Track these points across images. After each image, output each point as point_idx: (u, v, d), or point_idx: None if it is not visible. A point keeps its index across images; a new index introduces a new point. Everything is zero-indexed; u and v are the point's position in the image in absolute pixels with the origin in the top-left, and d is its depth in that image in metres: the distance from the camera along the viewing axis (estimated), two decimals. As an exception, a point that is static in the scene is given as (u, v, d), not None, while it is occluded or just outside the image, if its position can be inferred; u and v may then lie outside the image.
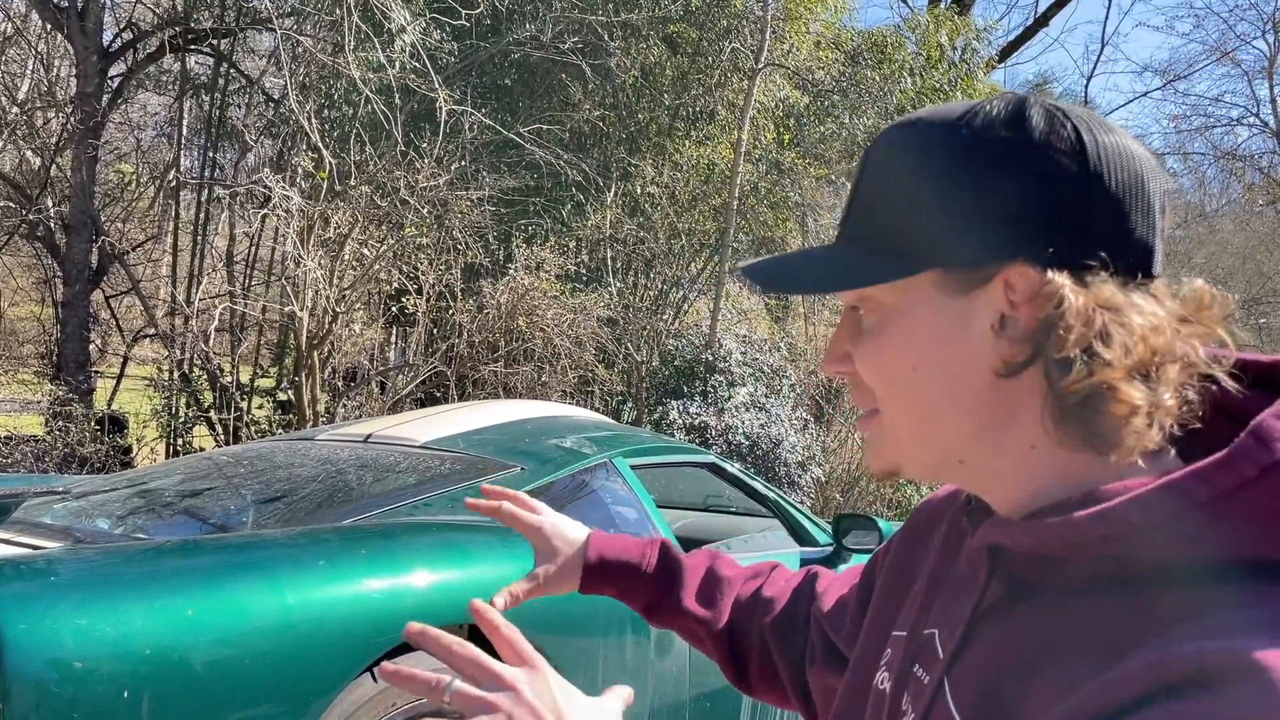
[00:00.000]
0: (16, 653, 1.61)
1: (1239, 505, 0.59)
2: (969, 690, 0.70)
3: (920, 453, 0.75)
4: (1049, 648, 0.65)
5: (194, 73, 12.70)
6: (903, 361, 0.73)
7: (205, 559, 1.98)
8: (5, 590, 1.67)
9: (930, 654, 0.77)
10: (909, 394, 0.73)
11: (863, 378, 0.76)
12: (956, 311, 0.70)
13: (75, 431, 8.85)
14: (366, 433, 3.27)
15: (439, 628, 2.11)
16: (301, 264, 7.44)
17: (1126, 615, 0.62)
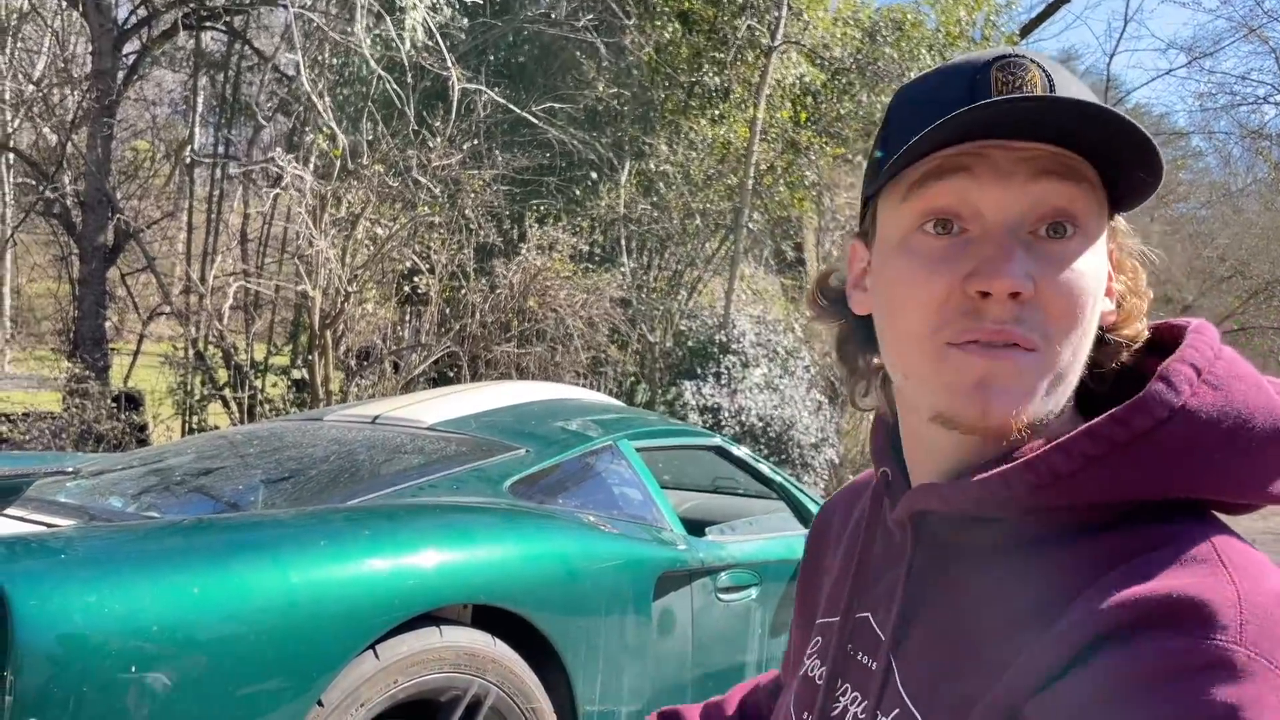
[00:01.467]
0: (27, 628, 1.65)
1: (1151, 447, 0.62)
2: (916, 671, 0.69)
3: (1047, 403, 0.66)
4: (987, 612, 0.66)
5: (208, 50, 12.72)
6: (1095, 294, 0.67)
7: (211, 538, 2.02)
8: (16, 567, 1.71)
9: (869, 637, 0.76)
10: (1085, 331, 0.67)
11: (1048, 307, 0.65)
12: (1106, 259, 0.70)
13: (92, 408, 8.93)
14: (374, 414, 3.30)
15: (441, 607, 2.14)
16: (314, 243, 7.47)
17: (1056, 569, 0.63)
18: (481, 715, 2.24)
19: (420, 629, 2.10)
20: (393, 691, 2.06)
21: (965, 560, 0.70)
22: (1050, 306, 0.65)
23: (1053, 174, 0.65)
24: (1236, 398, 0.64)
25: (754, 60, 10.75)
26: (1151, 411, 0.63)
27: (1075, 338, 0.66)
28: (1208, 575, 0.57)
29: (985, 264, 0.65)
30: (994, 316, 0.65)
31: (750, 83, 10.82)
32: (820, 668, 0.80)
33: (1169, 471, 0.62)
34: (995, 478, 0.65)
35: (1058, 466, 0.63)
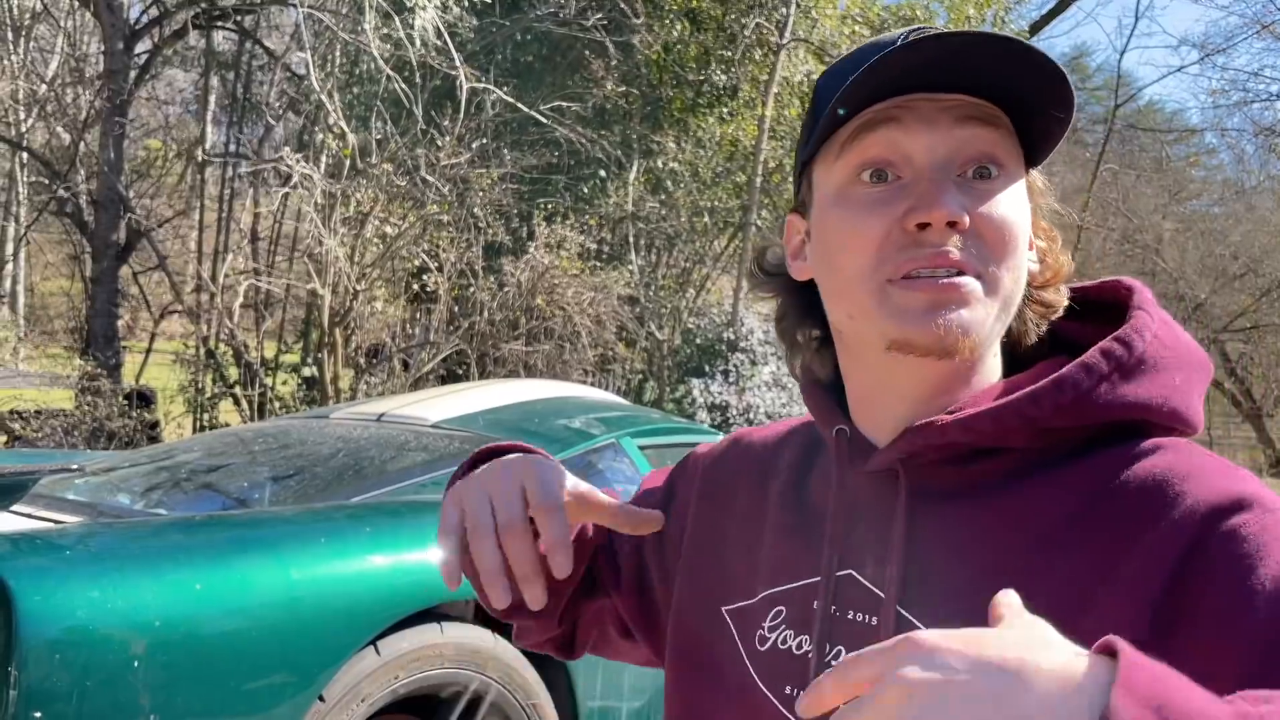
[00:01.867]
0: (31, 623, 1.68)
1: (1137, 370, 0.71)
2: (941, 613, 0.68)
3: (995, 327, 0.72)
4: (1005, 543, 0.68)
5: (219, 49, 12.79)
6: (1022, 223, 0.72)
7: (212, 535, 2.05)
8: (21, 563, 1.74)
9: (858, 595, 0.74)
10: (1019, 263, 0.72)
11: (983, 236, 0.70)
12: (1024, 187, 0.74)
13: (104, 406, 8.99)
14: (379, 412, 3.33)
15: (440, 602, 2.14)
16: (323, 242, 7.51)
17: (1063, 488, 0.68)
18: (482, 711, 2.26)
19: (421, 625, 2.13)
20: (394, 687, 2.08)
21: (951, 502, 0.72)
22: (985, 235, 0.70)
23: (974, 119, 0.70)
24: (1179, 332, 0.75)
25: (762, 58, 10.75)
26: (1138, 337, 0.71)
27: (1013, 265, 0.71)
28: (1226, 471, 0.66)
29: (921, 199, 0.69)
30: (933, 244, 0.69)
31: (759, 81, 10.82)
32: (798, 637, 0.77)
33: (1147, 391, 0.70)
34: (1024, 399, 0.69)
35: (1081, 382, 0.69)
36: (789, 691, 0.76)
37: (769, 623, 0.79)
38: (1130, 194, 19.72)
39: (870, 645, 0.63)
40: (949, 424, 0.71)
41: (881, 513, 0.74)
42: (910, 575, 0.71)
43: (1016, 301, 0.73)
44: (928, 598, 0.70)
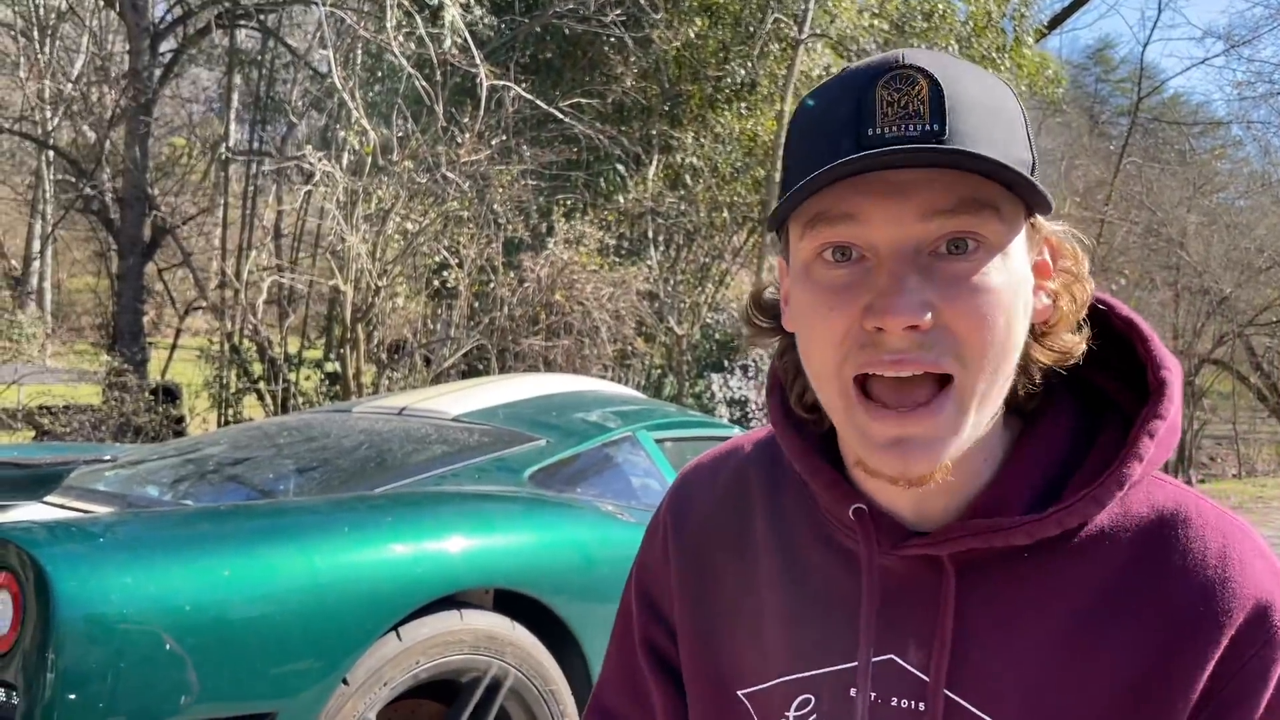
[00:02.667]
0: (67, 607, 1.75)
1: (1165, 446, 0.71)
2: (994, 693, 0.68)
3: (977, 429, 0.67)
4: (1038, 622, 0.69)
5: (243, 48, 12.91)
6: (1010, 307, 0.66)
7: (240, 524, 2.11)
8: (57, 550, 1.80)
9: (904, 680, 0.71)
10: (1004, 347, 0.66)
11: (955, 329, 0.64)
12: (1026, 260, 0.68)
13: (130, 401, 9.13)
14: (400, 405, 3.39)
15: (461, 591, 2.20)
16: (345, 238, 7.59)
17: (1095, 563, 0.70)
18: (501, 696, 2.32)
19: (441, 612, 2.18)
20: (415, 671, 2.14)
21: (1001, 569, 0.70)
22: (958, 327, 0.64)
23: (943, 211, 0.65)
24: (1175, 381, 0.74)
25: (781, 53, 10.76)
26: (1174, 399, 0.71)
27: (993, 355, 0.65)
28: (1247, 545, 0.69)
29: (879, 298, 0.64)
30: (890, 348, 0.64)
31: (777, 76, 10.83)
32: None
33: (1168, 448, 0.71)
34: (1089, 501, 0.68)
35: (1134, 471, 0.69)
36: None
37: (794, 712, 0.76)
38: (1154, 187, 19.55)
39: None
40: (1016, 531, 0.68)
41: (922, 596, 0.71)
42: (957, 659, 0.69)
43: (1002, 387, 0.68)
44: (979, 677, 0.69)
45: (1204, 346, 18.79)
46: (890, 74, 0.66)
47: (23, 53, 11.16)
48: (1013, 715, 0.68)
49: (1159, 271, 18.94)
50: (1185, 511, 0.70)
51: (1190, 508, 0.71)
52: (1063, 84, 15.58)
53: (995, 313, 0.65)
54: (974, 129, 0.64)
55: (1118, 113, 26.16)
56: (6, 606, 1.79)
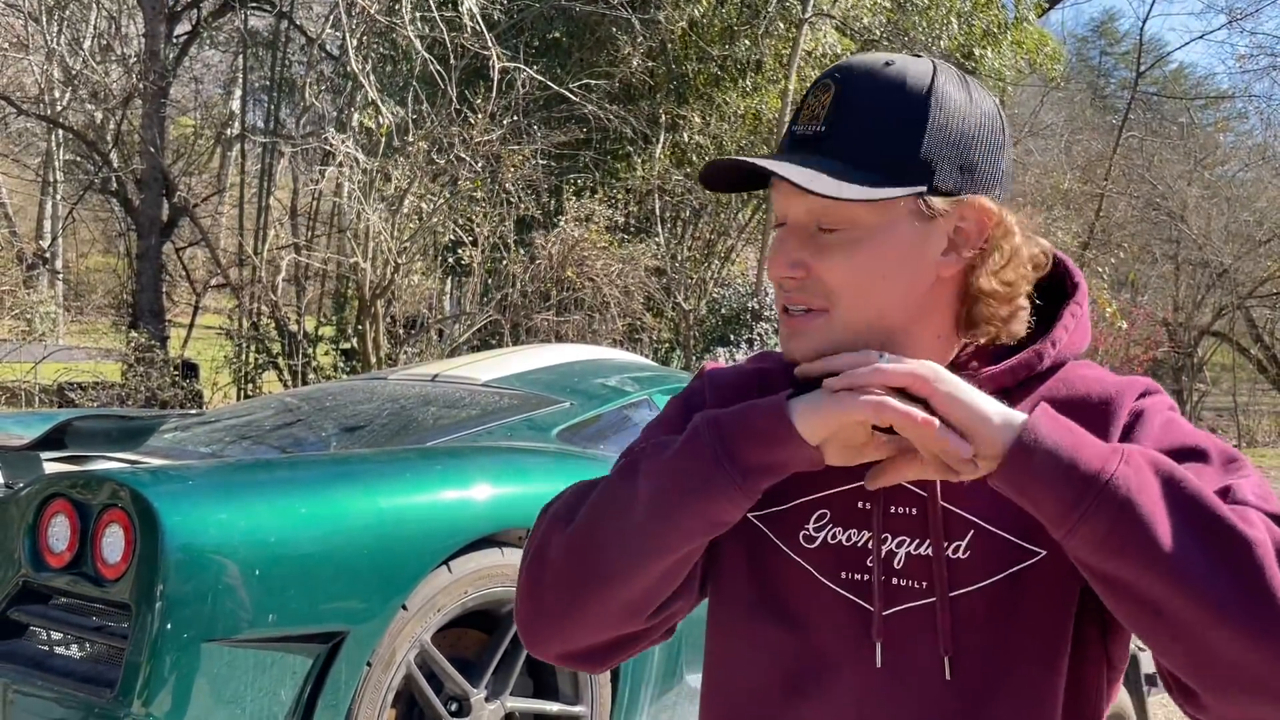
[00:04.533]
0: (172, 539, 2.04)
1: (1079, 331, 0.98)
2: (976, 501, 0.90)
3: (853, 338, 0.89)
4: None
5: (256, 30, 13.11)
6: (875, 270, 0.88)
7: (312, 470, 2.41)
8: (162, 489, 2.09)
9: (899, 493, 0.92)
10: (872, 297, 0.89)
11: (824, 280, 0.88)
12: (920, 234, 0.89)
13: (156, 376, 9.43)
14: (433, 373, 3.67)
15: (498, 532, 2.49)
16: (363, 217, 7.86)
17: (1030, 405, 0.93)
18: (536, 626, 2.61)
19: (486, 549, 2.47)
20: (464, 600, 2.43)
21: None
22: (825, 279, 0.89)
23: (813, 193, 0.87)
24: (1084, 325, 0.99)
25: (786, 32, 10.95)
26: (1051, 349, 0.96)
27: (860, 297, 0.89)
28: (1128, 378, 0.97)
29: (774, 255, 0.92)
30: (784, 289, 0.92)
31: (781, 55, 11.03)
32: (845, 531, 0.94)
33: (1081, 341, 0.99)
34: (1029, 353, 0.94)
35: (1060, 336, 0.95)
36: (844, 576, 0.93)
37: (813, 525, 0.95)
38: (1155, 161, 19.69)
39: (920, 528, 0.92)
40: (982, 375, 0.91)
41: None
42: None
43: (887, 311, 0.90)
44: (954, 488, 0.90)
45: (1204, 319, 18.97)
46: (823, 79, 0.92)
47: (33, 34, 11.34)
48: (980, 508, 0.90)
49: (1159, 245, 19.11)
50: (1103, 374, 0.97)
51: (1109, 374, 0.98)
52: (1062, 60, 15.72)
53: (857, 270, 0.89)
54: (852, 131, 0.88)
55: (1121, 86, 26.20)
56: (119, 539, 2.08)
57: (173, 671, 2.02)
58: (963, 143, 0.89)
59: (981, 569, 0.90)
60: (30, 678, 2.14)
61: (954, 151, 0.89)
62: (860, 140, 0.88)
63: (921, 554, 0.91)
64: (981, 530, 0.90)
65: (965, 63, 12.47)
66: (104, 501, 2.13)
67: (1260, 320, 19.78)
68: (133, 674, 2.01)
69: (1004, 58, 12.67)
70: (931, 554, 0.91)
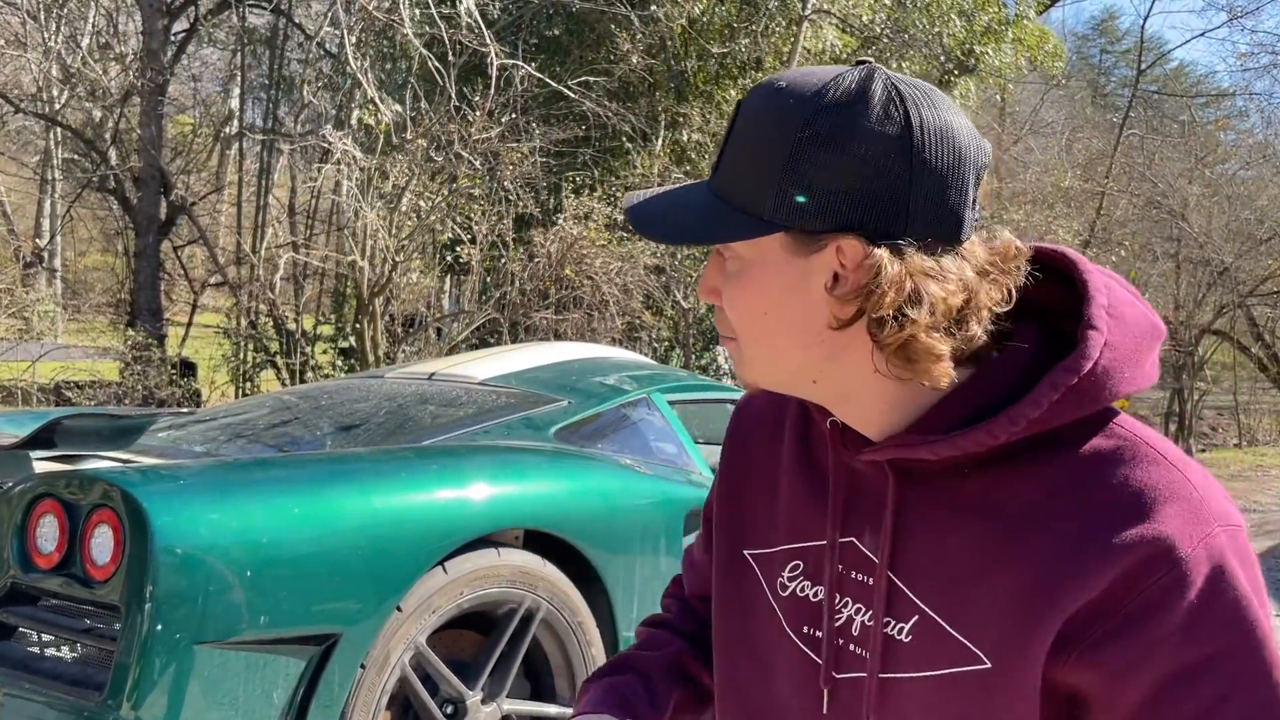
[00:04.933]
0: (162, 539, 2.01)
1: (1091, 380, 0.81)
2: (926, 581, 0.84)
3: (775, 375, 0.87)
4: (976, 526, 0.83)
5: (254, 27, 13.07)
6: (756, 305, 0.84)
7: (306, 470, 2.37)
8: (152, 489, 2.06)
9: (858, 559, 0.88)
10: (761, 332, 0.85)
11: (727, 311, 0.86)
12: (799, 270, 0.81)
13: (154, 375, 9.39)
14: (430, 371, 3.64)
15: (496, 530, 2.46)
16: (360, 215, 7.83)
17: (1028, 481, 0.82)
18: (533, 627, 2.58)
19: (481, 549, 2.44)
20: (459, 602, 2.40)
21: (933, 483, 0.85)
22: (727, 308, 0.87)
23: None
24: (1130, 321, 0.84)
25: (786, 30, 10.91)
26: (1090, 356, 0.80)
27: (753, 329, 0.85)
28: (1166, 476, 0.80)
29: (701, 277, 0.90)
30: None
31: (782, 53, 10.99)
32: (813, 587, 0.92)
33: (1102, 393, 0.81)
34: (983, 433, 0.81)
35: (1029, 413, 0.80)
36: (805, 631, 0.92)
37: (788, 573, 0.94)
38: (1156, 159, 19.64)
39: (879, 597, 0.85)
40: (920, 445, 0.83)
41: (874, 493, 0.88)
42: (899, 548, 0.85)
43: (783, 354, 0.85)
44: (915, 566, 0.85)
45: (1205, 317, 18.92)
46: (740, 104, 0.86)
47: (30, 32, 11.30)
48: (933, 595, 0.83)
49: (1160, 243, 19.06)
50: (1125, 453, 0.81)
51: (1132, 451, 0.81)
52: (1062, 58, 15.69)
53: (747, 305, 0.85)
54: (730, 163, 0.84)
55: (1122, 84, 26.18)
56: (108, 540, 2.05)
57: (162, 674, 1.98)
58: (850, 176, 0.78)
59: (922, 658, 0.84)
60: (19, 680, 2.11)
61: (832, 185, 0.78)
62: (735, 171, 0.83)
63: (867, 623, 0.88)
64: (926, 618, 0.84)
65: (966, 60, 12.45)
66: (93, 501, 2.10)
67: (1261, 319, 19.73)
68: (122, 676, 1.98)
69: (1005, 55, 12.65)
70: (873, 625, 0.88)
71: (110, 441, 2.66)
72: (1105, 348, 0.81)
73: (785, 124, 0.79)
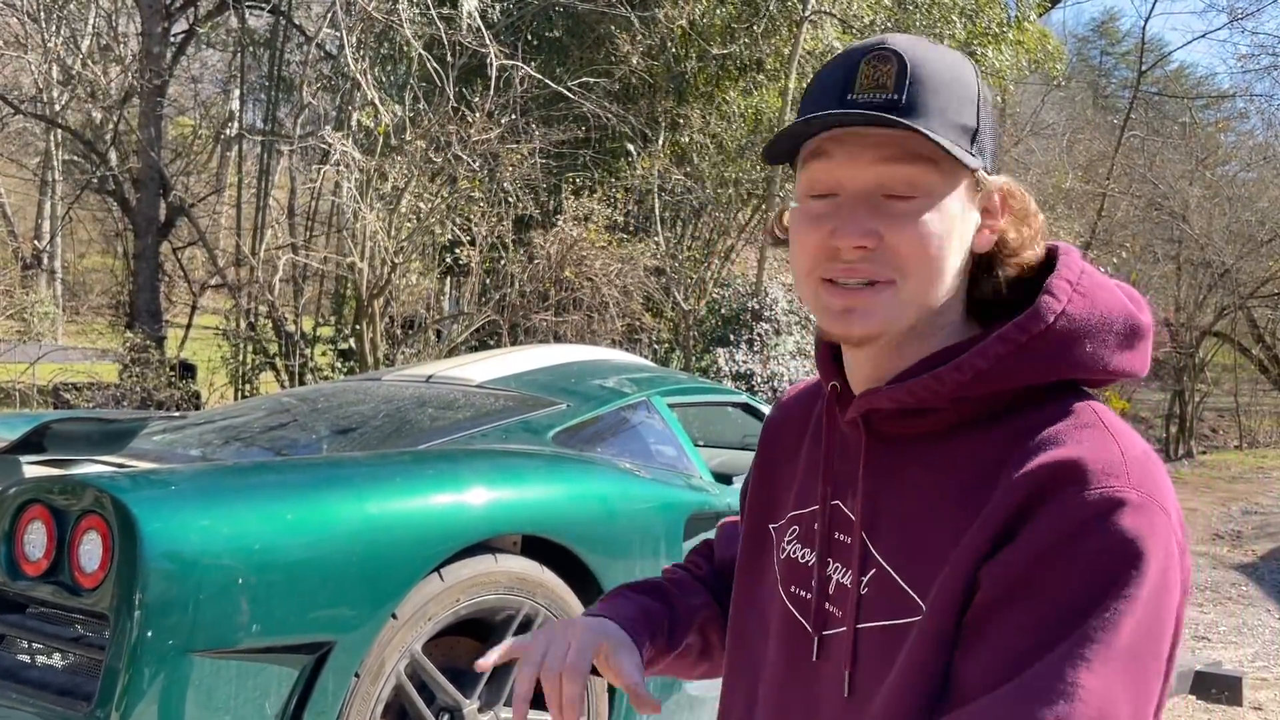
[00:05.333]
0: (151, 546, 1.97)
1: (1044, 343, 0.87)
2: (887, 540, 0.90)
3: (906, 315, 0.88)
4: (932, 487, 0.88)
5: (253, 29, 13.04)
6: (943, 243, 0.87)
7: (300, 474, 2.33)
8: (142, 495, 2.02)
9: (843, 520, 0.95)
10: (938, 265, 0.87)
11: (897, 250, 0.86)
12: (968, 204, 0.90)
13: (152, 377, 9.35)
14: (429, 373, 3.60)
15: (494, 536, 2.42)
16: (359, 216, 7.79)
17: (983, 445, 0.87)
18: (531, 634, 2.54)
19: (478, 556, 2.40)
20: (456, 609, 2.36)
21: (907, 447, 0.91)
22: (898, 250, 0.87)
23: (892, 159, 0.87)
24: (1099, 301, 0.90)
25: (787, 31, 10.88)
26: (1043, 317, 0.87)
27: (926, 268, 0.88)
28: (1099, 438, 0.83)
29: (838, 225, 0.88)
30: (846, 261, 0.88)
31: (782, 54, 10.96)
32: (802, 549, 0.99)
33: (1056, 360, 0.87)
34: (929, 379, 0.88)
35: (978, 365, 0.87)
36: (793, 591, 0.99)
37: (787, 539, 1.02)
38: (1157, 160, 19.61)
39: (855, 557, 0.91)
40: (881, 392, 0.90)
41: (857, 456, 0.94)
42: (870, 507, 0.92)
43: (941, 292, 0.89)
44: (881, 526, 0.91)
45: (1206, 319, 18.89)
46: (872, 53, 0.89)
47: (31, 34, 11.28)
48: (890, 550, 0.89)
49: (1161, 245, 19.04)
50: (1073, 418, 0.85)
51: (1081, 418, 0.86)
52: (1063, 60, 15.66)
53: (928, 239, 0.87)
54: (925, 100, 0.87)
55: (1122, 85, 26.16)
56: (97, 547, 2.01)
57: (152, 683, 1.95)
58: (994, 122, 0.93)
59: (878, 608, 0.90)
60: (6, 689, 2.07)
61: (992, 129, 0.92)
62: (939, 108, 0.88)
63: (845, 583, 0.93)
64: (882, 571, 0.90)
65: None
66: (82, 508, 2.06)
67: (1262, 320, 19.69)
68: (110, 686, 1.94)
69: (1005, 56, 12.62)
70: (850, 583, 0.92)
71: (101, 446, 2.62)
72: (1061, 315, 0.87)
73: (966, 73, 0.90)
